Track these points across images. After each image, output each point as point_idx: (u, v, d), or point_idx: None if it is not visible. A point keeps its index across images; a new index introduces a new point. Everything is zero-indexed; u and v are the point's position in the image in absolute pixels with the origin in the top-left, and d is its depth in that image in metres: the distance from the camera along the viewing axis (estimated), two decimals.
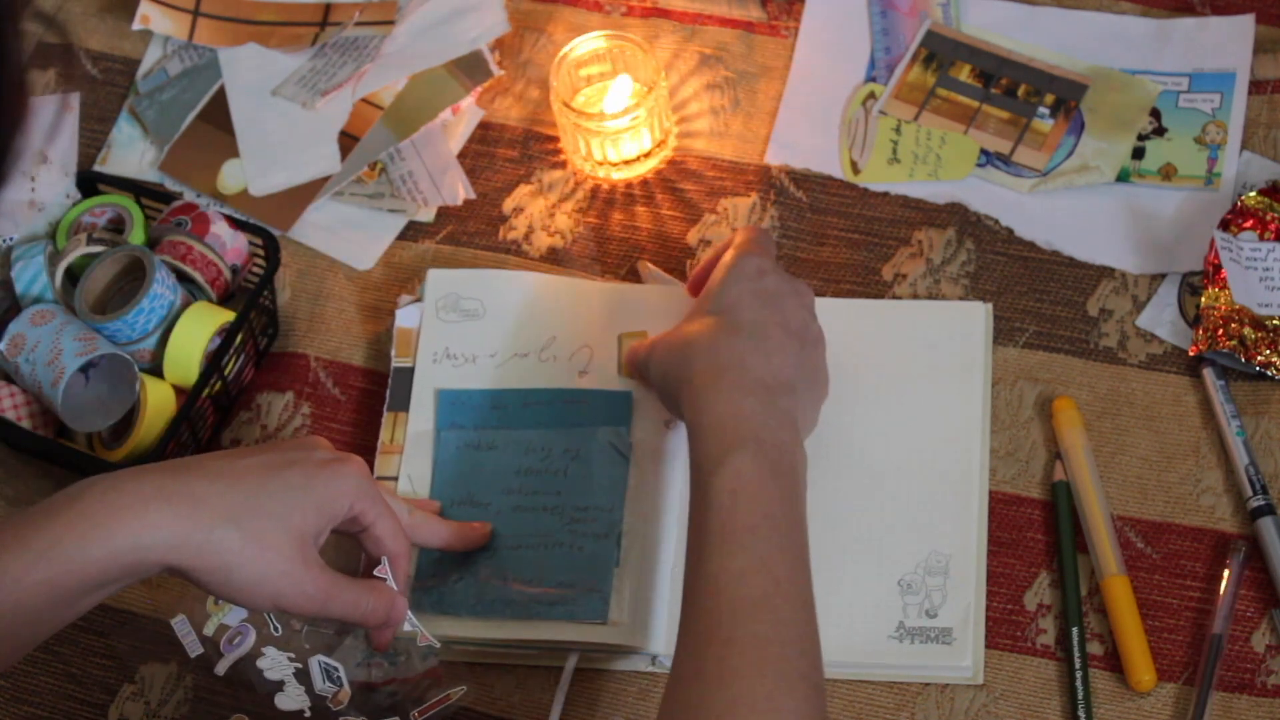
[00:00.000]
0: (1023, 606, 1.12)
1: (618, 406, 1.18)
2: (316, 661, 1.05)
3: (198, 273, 1.22)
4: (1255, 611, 1.10)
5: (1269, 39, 1.30)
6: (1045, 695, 1.09)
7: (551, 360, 1.21)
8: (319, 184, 1.31)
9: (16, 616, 0.93)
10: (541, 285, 1.24)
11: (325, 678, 1.05)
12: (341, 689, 1.05)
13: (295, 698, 1.04)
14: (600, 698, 1.11)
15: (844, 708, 1.10)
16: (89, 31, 1.42)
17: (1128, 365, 1.19)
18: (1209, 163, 1.26)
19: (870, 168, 1.29)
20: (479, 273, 1.25)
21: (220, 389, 1.21)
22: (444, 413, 1.19)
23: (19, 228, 1.25)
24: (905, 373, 1.18)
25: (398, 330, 1.22)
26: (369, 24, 1.37)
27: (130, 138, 1.36)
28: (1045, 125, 1.28)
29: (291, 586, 0.98)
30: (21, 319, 1.19)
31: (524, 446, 1.17)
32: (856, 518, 1.14)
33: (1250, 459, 1.13)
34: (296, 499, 0.99)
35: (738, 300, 1.10)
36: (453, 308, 1.23)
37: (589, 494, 1.14)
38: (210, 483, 0.97)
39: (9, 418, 1.19)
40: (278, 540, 0.97)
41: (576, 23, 1.38)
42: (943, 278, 1.24)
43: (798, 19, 1.36)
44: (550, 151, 1.33)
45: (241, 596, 0.98)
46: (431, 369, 1.21)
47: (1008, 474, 1.16)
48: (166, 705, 1.14)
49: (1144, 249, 1.24)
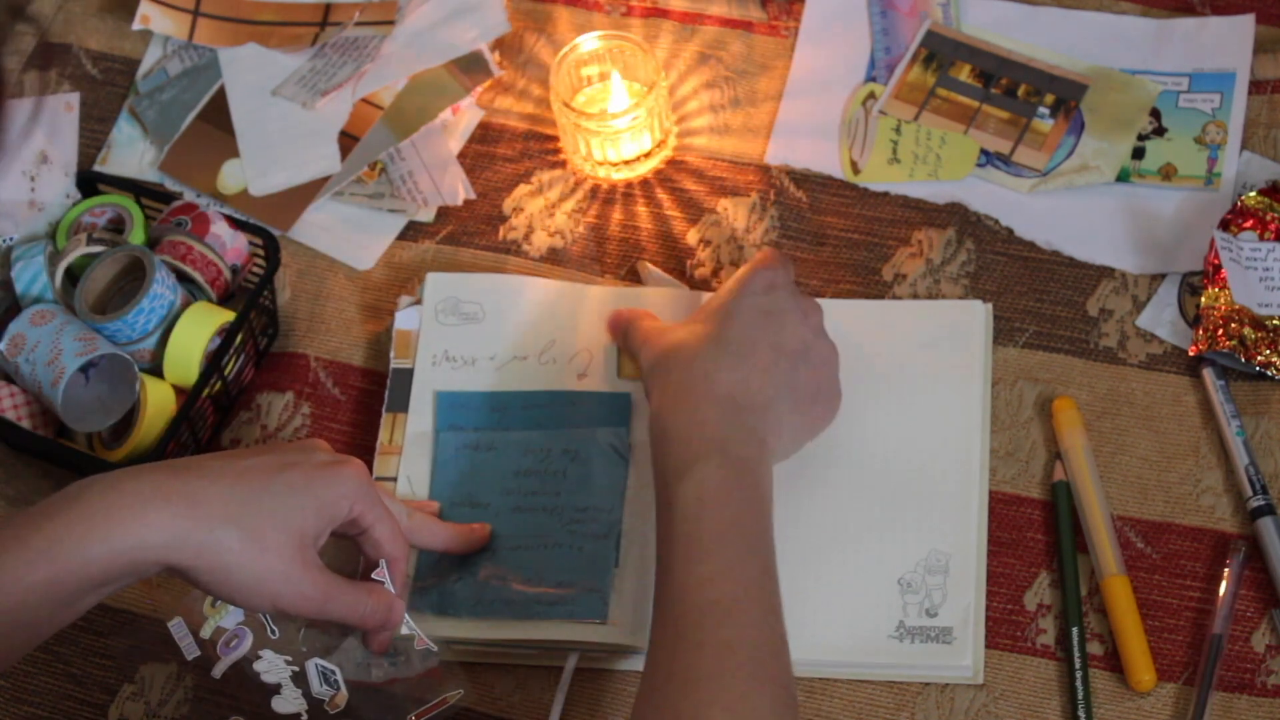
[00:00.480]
0: (1023, 606, 1.12)
1: (617, 408, 1.18)
2: (313, 664, 1.05)
3: (198, 273, 1.22)
4: (1255, 611, 1.10)
5: (1269, 39, 1.30)
6: (1045, 695, 1.09)
7: (551, 363, 1.21)
8: (319, 184, 1.31)
9: (16, 617, 0.93)
10: (541, 289, 1.24)
11: (322, 680, 1.05)
12: (338, 692, 1.05)
13: (292, 701, 1.04)
14: (600, 698, 1.11)
15: (844, 708, 1.10)
16: (89, 31, 1.42)
17: (1128, 365, 1.19)
18: (1209, 163, 1.26)
19: (870, 168, 1.29)
20: (479, 276, 1.25)
21: (220, 389, 1.21)
22: (443, 414, 1.19)
23: (19, 228, 1.25)
24: (905, 373, 1.18)
25: (396, 332, 1.22)
26: (369, 24, 1.37)
27: (130, 138, 1.36)
28: (1045, 125, 1.28)
29: (290, 587, 0.98)
30: (21, 319, 1.19)
31: (523, 448, 1.17)
32: (856, 517, 1.14)
33: (1250, 459, 1.13)
34: (296, 500, 0.99)
35: (734, 314, 1.10)
36: (452, 311, 1.23)
37: (588, 495, 1.14)
38: (210, 483, 0.97)
39: (9, 418, 1.19)
40: (277, 541, 0.97)
41: (576, 23, 1.38)
42: (943, 278, 1.24)
43: (798, 19, 1.36)
44: (550, 151, 1.33)
45: (240, 597, 0.98)
46: (431, 371, 1.21)
47: (1008, 474, 1.16)
48: (166, 705, 1.14)
49: (1144, 249, 1.24)
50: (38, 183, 1.24)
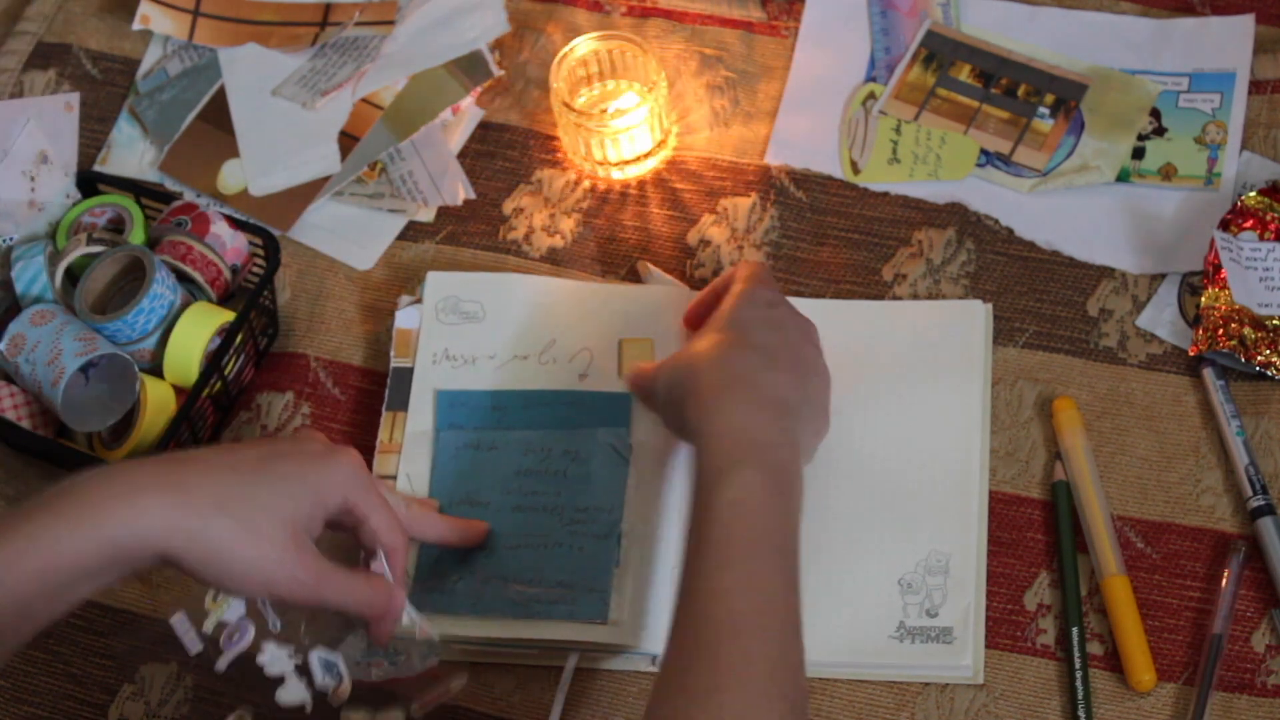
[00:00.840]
0: (1023, 606, 1.12)
1: (618, 408, 1.18)
2: (316, 656, 1.05)
3: (198, 273, 1.22)
4: (1255, 611, 1.10)
5: (1269, 39, 1.30)
6: (1045, 695, 1.09)
7: (551, 363, 1.21)
8: (319, 184, 1.32)
9: (8, 606, 0.93)
10: (541, 288, 1.24)
11: (325, 672, 1.05)
12: (341, 684, 1.05)
13: (296, 692, 1.04)
14: (600, 698, 1.11)
15: (844, 708, 1.10)
16: (89, 31, 1.42)
17: (1128, 365, 1.19)
18: (1209, 163, 1.26)
19: (870, 168, 1.29)
20: (479, 276, 1.25)
21: (220, 389, 1.21)
22: (443, 413, 1.19)
23: (19, 228, 1.25)
24: (905, 373, 1.18)
25: (397, 331, 1.22)
26: (369, 24, 1.37)
27: (130, 138, 1.36)
28: (1045, 125, 1.28)
29: (283, 572, 0.98)
30: (21, 319, 1.19)
31: (523, 447, 1.17)
32: (856, 517, 1.14)
33: (1250, 459, 1.13)
34: (289, 488, 0.99)
35: (749, 321, 1.10)
36: (452, 310, 1.23)
37: (589, 495, 1.15)
38: (202, 473, 0.97)
39: (9, 418, 1.19)
40: (269, 528, 0.98)
41: (576, 23, 1.38)
42: (943, 278, 1.24)
43: (798, 19, 1.36)
44: (550, 151, 1.33)
45: (234, 584, 0.98)
46: (431, 370, 1.21)
47: (1008, 474, 1.16)
48: (166, 705, 1.14)
49: (1144, 249, 1.24)
50: (38, 183, 1.24)
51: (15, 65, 1.40)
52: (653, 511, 1.14)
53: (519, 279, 1.25)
